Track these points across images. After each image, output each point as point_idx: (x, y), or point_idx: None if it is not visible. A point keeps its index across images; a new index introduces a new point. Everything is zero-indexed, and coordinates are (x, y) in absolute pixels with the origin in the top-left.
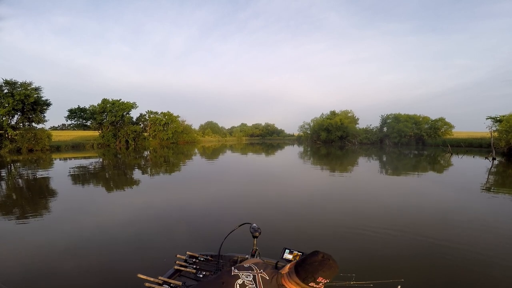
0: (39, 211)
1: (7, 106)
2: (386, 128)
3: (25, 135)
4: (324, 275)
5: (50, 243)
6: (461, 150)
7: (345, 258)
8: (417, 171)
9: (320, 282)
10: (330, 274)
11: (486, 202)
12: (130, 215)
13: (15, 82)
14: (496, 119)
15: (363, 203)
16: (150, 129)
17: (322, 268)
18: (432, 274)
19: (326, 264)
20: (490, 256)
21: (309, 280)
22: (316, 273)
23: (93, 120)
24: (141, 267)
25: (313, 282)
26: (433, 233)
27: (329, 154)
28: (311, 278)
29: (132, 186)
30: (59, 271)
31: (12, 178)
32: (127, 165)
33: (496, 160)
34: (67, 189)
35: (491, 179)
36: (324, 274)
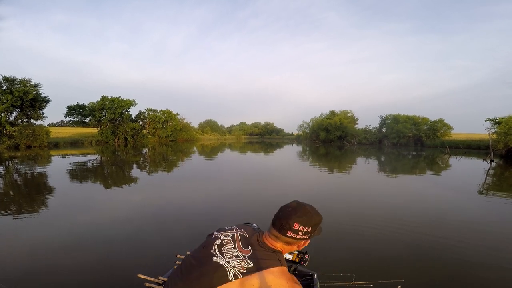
0: (36, 208)
1: (5, 103)
2: (385, 129)
3: (23, 132)
4: (300, 221)
5: (47, 240)
6: (459, 151)
7: (345, 258)
8: (415, 172)
9: (298, 230)
10: (307, 220)
11: (484, 203)
12: (128, 213)
13: (14, 78)
14: (495, 121)
15: (362, 203)
16: (149, 127)
17: (297, 213)
18: (432, 274)
19: (301, 209)
20: (489, 257)
21: (285, 228)
22: (291, 219)
23: (92, 117)
24: (140, 266)
25: (290, 231)
26: (433, 234)
27: (328, 154)
28: (286, 225)
29: (131, 183)
30: (57, 269)
31: (10, 174)
32: (126, 162)
33: (494, 162)
34: (64, 186)
35: (489, 181)
36: (300, 219)
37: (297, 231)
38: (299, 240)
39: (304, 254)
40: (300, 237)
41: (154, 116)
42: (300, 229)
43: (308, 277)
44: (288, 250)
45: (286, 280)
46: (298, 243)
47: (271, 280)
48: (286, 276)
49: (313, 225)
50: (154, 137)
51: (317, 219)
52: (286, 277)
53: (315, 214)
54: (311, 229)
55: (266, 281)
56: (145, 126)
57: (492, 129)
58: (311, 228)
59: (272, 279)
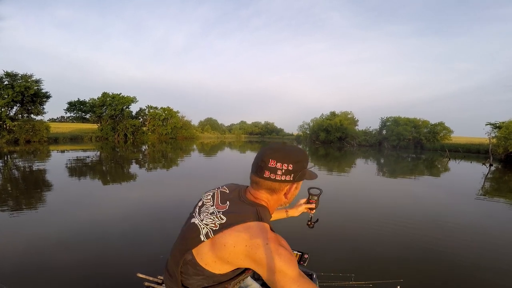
0: (35, 204)
1: (6, 98)
2: (385, 131)
3: (23, 126)
4: (275, 157)
5: (46, 238)
6: (459, 155)
7: (344, 258)
8: (414, 175)
9: (276, 168)
10: (285, 155)
11: (482, 207)
12: (127, 211)
13: (15, 74)
14: (495, 126)
15: (362, 204)
16: (149, 124)
17: (272, 149)
18: (431, 274)
19: (278, 145)
20: (486, 259)
21: (261, 168)
22: (266, 156)
23: (92, 113)
24: (140, 265)
25: (266, 170)
26: (431, 235)
27: (327, 154)
28: (261, 164)
29: (130, 180)
30: (55, 267)
31: (8, 169)
32: (125, 159)
33: (493, 167)
34: (63, 182)
35: (487, 185)
36: (275, 155)
37: (274, 169)
38: (281, 182)
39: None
40: (281, 177)
41: (155, 114)
42: (278, 167)
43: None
44: (276, 202)
45: (262, 239)
46: (281, 188)
47: (244, 238)
48: (264, 235)
49: (294, 162)
50: (154, 134)
51: (299, 155)
52: (265, 235)
53: (296, 150)
54: (292, 167)
55: (238, 239)
56: (145, 123)
57: (492, 133)
58: (292, 165)
59: (245, 237)
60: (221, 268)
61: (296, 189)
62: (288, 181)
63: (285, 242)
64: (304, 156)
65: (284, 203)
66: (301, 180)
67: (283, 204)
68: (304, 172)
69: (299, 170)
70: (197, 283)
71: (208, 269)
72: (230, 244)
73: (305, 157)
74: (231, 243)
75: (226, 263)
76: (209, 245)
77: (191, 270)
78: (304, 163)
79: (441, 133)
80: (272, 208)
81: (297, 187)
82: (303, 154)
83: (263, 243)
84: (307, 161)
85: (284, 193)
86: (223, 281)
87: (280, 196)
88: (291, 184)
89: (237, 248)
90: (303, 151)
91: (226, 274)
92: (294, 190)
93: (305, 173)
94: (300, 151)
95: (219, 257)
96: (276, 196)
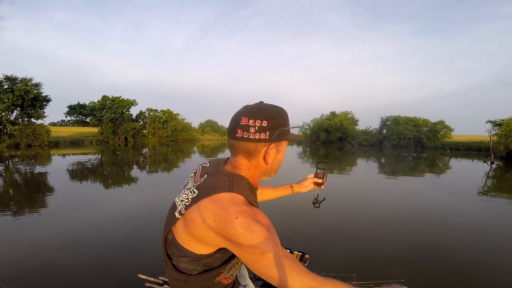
0: (36, 207)
1: (6, 102)
2: (385, 130)
3: (24, 131)
4: (247, 114)
5: (47, 240)
6: (459, 153)
7: (345, 259)
8: (416, 174)
9: (248, 125)
10: (258, 112)
11: (484, 205)
12: (128, 213)
13: (15, 77)
14: (495, 123)
15: (363, 203)
16: (150, 127)
17: (243, 108)
18: (432, 274)
19: (246, 106)
20: (488, 258)
21: (234, 129)
22: (238, 114)
23: (92, 117)
24: (141, 266)
25: (239, 129)
26: (433, 234)
27: (328, 155)
28: (234, 123)
29: (131, 183)
30: (56, 269)
31: (10, 173)
32: (126, 162)
33: (495, 164)
34: (64, 186)
35: (489, 183)
36: (248, 112)
37: (246, 126)
38: (256, 142)
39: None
40: (254, 136)
41: (155, 116)
42: (250, 124)
43: None
44: (256, 169)
45: (232, 213)
46: (258, 149)
47: (212, 212)
48: (234, 208)
49: (267, 118)
50: (155, 137)
51: (274, 111)
52: (235, 208)
53: (271, 106)
54: (267, 124)
55: (206, 213)
56: (146, 126)
57: (492, 131)
58: (267, 122)
59: (213, 210)
60: (199, 248)
61: (278, 152)
62: (264, 140)
63: (264, 217)
64: (280, 113)
65: (267, 170)
66: (282, 141)
67: (266, 172)
68: (283, 131)
69: (276, 128)
70: (189, 267)
71: (188, 248)
72: (198, 220)
73: (282, 115)
74: (199, 218)
75: (200, 242)
76: (182, 221)
77: (175, 251)
78: (281, 120)
79: (441, 131)
80: (254, 178)
81: (279, 150)
82: (280, 111)
83: (232, 217)
84: (285, 120)
85: (263, 156)
86: (215, 266)
87: (259, 160)
88: (269, 145)
89: (206, 224)
90: (280, 108)
91: (211, 256)
92: (274, 153)
93: (285, 132)
94: (277, 108)
95: (192, 235)
96: (255, 161)
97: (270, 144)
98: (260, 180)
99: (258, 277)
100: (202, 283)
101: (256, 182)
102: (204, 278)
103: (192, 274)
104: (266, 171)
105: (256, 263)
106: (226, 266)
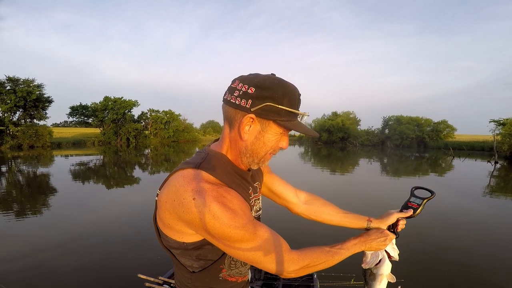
0: (38, 208)
1: (9, 103)
2: (387, 130)
3: (26, 132)
4: (241, 77)
5: (48, 240)
6: (463, 153)
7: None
8: (418, 174)
9: (235, 88)
10: (249, 77)
11: (487, 205)
12: (129, 213)
13: (17, 79)
14: (499, 122)
15: (363, 204)
16: (151, 127)
17: (243, 75)
18: (433, 274)
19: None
20: (490, 259)
21: (226, 91)
22: (234, 79)
23: (94, 118)
24: (141, 266)
25: (227, 91)
26: (434, 234)
27: (330, 155)
28: (228, 87)
29: (132, 184)
30: (57, 269)
31: (12, 174)
32: (128, 163)
33: (499, 164)
34: (66, 187)
35: (493, 183)
36: (243, 76)
37: (233, 89)
38: (235, 107)
39: None
40: (236, 100)
41: (156, 117)
42: (238, 87)
43: (308, 277)
44: (235, 143)
45: (189, 191)
46: (236, 117)
47: (172, 190)
48: (193, 185)
49: (257, 86)
50: (156, 138)
51: (272, 82)
52: (194, 186)
53: (274, 78)
54: (253, 91)
55: (168, 193)
56: (147, 126)
57: (496, 130)
58: (254, 89)
59: (173, 189)
60: (175, 234)
61: (263, 132)
62: (242, 108)
63: (233, 198)
64: (279, 86)
65: (245, 149)
66: (268, 120)
67: (244, 152)
68: (271, 108)
69: (262, 100)
70: (187, 263)
71: (168, 235)
72: (163, 201)
73: (281, 89)
74: (163, 200)
75: (171, 228)
76: (158, 209)
77: (164, 240)
78: (274, 94)
79: (444, 131)
80: (234, 155)
81: (264, 129)
82: (281, 84)
83: (189, 198)
84: (283, 97)
85: (239, 123)
86: (212, 260)
87: (237, 132)
88: (245, 114)
89: (167, 206)
90: (285, 82)
91: (200, 246)
92: (257, 131)
93: (276, 111)
94: (280, 81)
95: (162, 220)
96: (233, 133)
97: (246, 115)
98: (246, 165)
99: (258, 277)
100: (206, 281)
101: (237, 158)
102: (207, 275)
103: (194, 271)
104: (246, 150)
105: (230, 252)
106: (224, 260)
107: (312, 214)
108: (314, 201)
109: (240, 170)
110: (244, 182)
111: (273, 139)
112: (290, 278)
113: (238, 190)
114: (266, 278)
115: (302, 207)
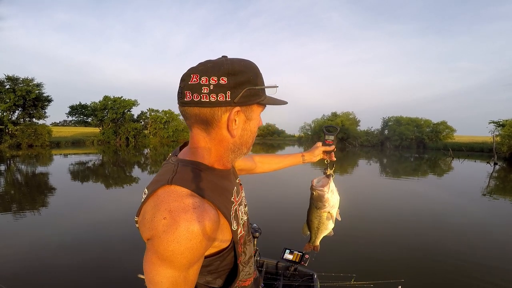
0: (37, 207)
1: (8, 102)
2: (387, 131)
3: (25, 131)
4: (197, 70)
5: (47, 240)
6: (462, 154)
7: (345, 258)
8: (417, 175)
9: (200, 85)
10: (210, 67)
11: (486, 206)
12: (128, 213)
13: (17, 78)
14: (499, 124)
15: (363, 204)
16: (151, 127)
17: (195, 66)
18: (432, 274)
19: (201, 62)
20: (490, 259)
21: (182, 91)
22: (187, 74)
23: (94, 117)
24: (141, 266)
25: (187, 91)
26: (434, 235)
27: None
28: (182, 85)
29: (131, 183)
30: (56, 269)
31: (11, 173)
32: (127, 162)
33: (498, 165)
34: (65, 186)
35: (492, 184)
36: (198, 68)
37: (197, 86)
38: (212, 106)
39: (304, 254)
40: (209, 97)
41: (156, 117)
42: (203, 82)
43: (308, 277)
44: (219, 144)
45: (155, 215)
46: (216, 116)
47: (146, 218)
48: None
49: (228, 74)
50: (156, 138)
51: (238, 64)
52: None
53: (236, 60)
54: (227, 81)
55: (143, 220)
56: (147, 126)
57: (496, 131)
58: (227, 78)
59: (148, 216)
60: None
61: (248, 120)
62: (223, 104)
63: (210, 219)
64: (248, 66)
65: (235, 145)
66: (252, 105)
67: (235, 149)
68: (252, 91)
69: (240, 86)
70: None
71: None
72: (142, 231)
73: (250, 69)
74: (143, 230)
75: None
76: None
77: None
78: (248, 76)
79: (443, 132)
80: (216, 157)
81: (249, 116)
82: (247, 64)
83: (160, 219)
84: (256, 76)
85: (226, 126)
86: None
87: (222, 132)
88: (231, 109)
89: (146, 235)
90: (247, 61)
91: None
92: (243, 121)
93: (256, 93)
94: (242, 61)
95: None
96: (215, 134)
97: (233, 108)
98: (233, 161)
99: None
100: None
101: (225, 162)
102: None
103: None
104: (235, 146)
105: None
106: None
107: (266, 168)
108: (264, 158)
109: (222, 172)
110: (228, 184)
111: (256, 123)
112: (290, 278)
113: (219, 200)
114: (266, 278)
115: (260, 167)
